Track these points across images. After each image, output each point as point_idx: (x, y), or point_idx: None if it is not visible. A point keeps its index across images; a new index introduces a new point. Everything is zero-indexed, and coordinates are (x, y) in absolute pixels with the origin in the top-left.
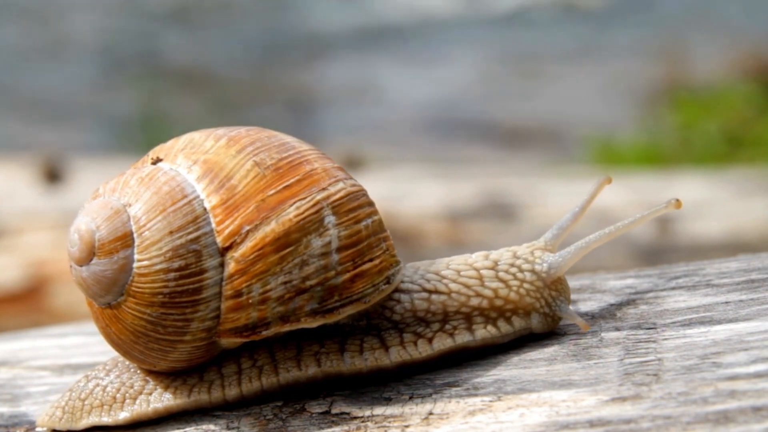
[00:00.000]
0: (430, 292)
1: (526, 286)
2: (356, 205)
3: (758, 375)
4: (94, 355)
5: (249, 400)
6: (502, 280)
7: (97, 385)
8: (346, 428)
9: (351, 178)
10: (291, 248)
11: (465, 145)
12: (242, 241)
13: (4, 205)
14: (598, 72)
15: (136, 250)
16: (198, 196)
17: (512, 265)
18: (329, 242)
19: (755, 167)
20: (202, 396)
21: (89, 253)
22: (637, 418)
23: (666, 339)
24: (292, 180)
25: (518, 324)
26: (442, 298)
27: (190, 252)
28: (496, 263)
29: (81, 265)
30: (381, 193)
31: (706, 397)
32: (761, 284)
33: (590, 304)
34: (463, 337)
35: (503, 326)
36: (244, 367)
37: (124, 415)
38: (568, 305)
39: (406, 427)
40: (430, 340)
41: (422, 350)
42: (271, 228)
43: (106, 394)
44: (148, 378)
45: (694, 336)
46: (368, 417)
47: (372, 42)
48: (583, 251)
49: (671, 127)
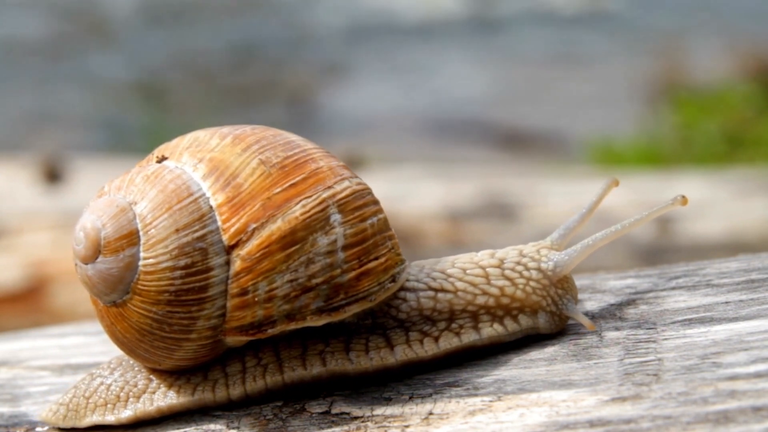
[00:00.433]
0: (436, 290)
1: (532, 284)
2: (362, 203)
3: (758, 375)
4: (94, 355)
5: (253, 399)
6: (508, 278)
7: (102, 384)
8: (346, 428)
9: (356, 177)
10: (297, 246)
11: (465, 146)
12: (248, 239)
13: (4, 205)
14: (599, 72)
15: (142, 248)
16: (204, 194)
17: (518, 263)
18: (335, 240)
19: (755, 167)
20: (206, 395)
21: (95, 251)
22: (637, 418)
23: (666, 339)
24: (297, 178)
25: (525, 323)
26: (449, 296)
27: (196, 250)
28: (502, 261)
29: (86, 263)
30: (381, 193)
31: (706, 397)
32: (761, 284)
33: (590, 304)
34: (469, 336)
35: (510, 324)
36: (248, 366)
37: (127, 414)
38: (575, 304)
39: (406, 427)
40: (437, 339)
41: (428, 349)
42: (278, 226)
43: (110, 392)
44: (152, 376)
45: (694, 336)
46: (368, 417)
47: (372, 42)
48: (589, 249)
49: (671, 127)
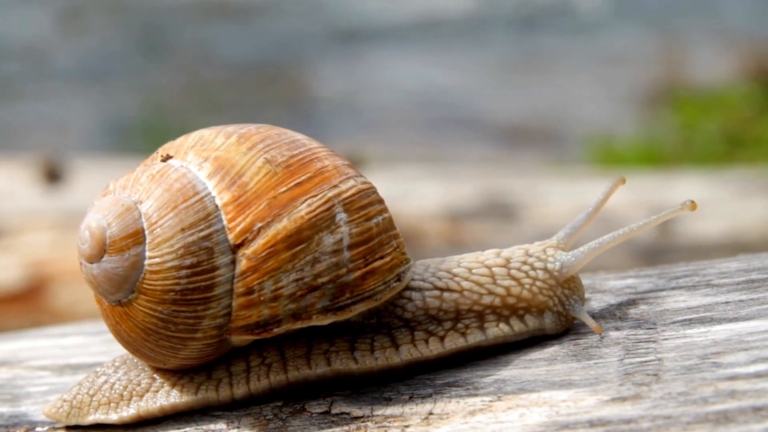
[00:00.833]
0: (441, 290)
1: (538, 284)
2: (367, 202)
3: (758, 375)
4: (94, 355)
5: (256, 398)
6: (514, 278)
7: (106, 382)
8: (346, 428)
9: (361, 176)
10: (303, 245)
11: (465, 145)
12: (254, 238)
13: (4, 205)
14: (599, 72)
15: (147, 247)
16: (209, 193)
17: (524, 263)
18: (341, 239)
19: (755, 167)
20: (210, 394)
21: (100, 251)
22: (637, 418)
23: (666, 339)
24: (303, 177)
25: (532, 323)
26: (454, 296)
27: (202, 249)
28: (508, 261)
29: (91, 263)
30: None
31: (706, 397)
32: (761, 284)
33: (590, 304)
34: (475, 337)
35: (516, 324)
36: (252, 365)
37: (130, 413)
38: (582, 305)
39: (406, 427)
40: (442, 339)
41: (433, 348)
42: (283, 225)
43: (113, 391)
44: (155, 375)
45: (694, 336)
46: (368, 417)
47: (372, 41)
48: (595, 252)
49: (671, 128)
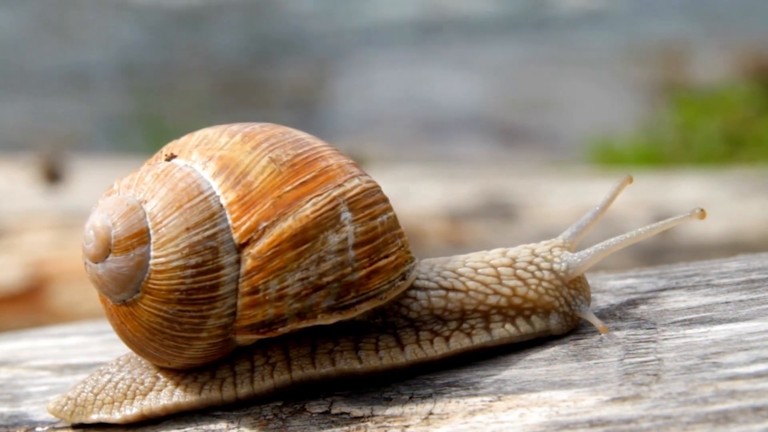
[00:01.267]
0: (447, 289)
1: (544, 284)
2: (372, 201)
3: (758, 375)
4: (94, 355)
5: (261, 398)
6: (520, 278)
7: (110, 381)
8: (346, 428)
9: (366, 175)
10: (308, 245)
11: (465, 145)
12: (259, 237)
13: (4, 205)
14: (599, 72)
15: (152, 247)
16: (214, 193)
17: (531, 263)
18: (346, 238)
19: (755, 167)
20: (214, 394)
21: (105, 250)
22: (637, 418)
23: (666, 339)
24: (308, 176)
25: (538, 324)
26: (460, 296)
27: (207, 248)
28: (514, 261)
29: (96, 262)
30: None
31: (706, 397)
32: (761, 284)
33: (593, 304)
34: (480, 338)
35: (522, 325)
36: (257, 365)
37: (133, 412)
38: (588, 305)
39: (406, 427)
40: (447, 339)
41: (438, 349)
42: (288, 224)
43: (117, 390)
44: (159, 374)
45: (694, 336)
46: (368, 417)
47: (372, 41)
48: (602, 254)
49: (671, 127)
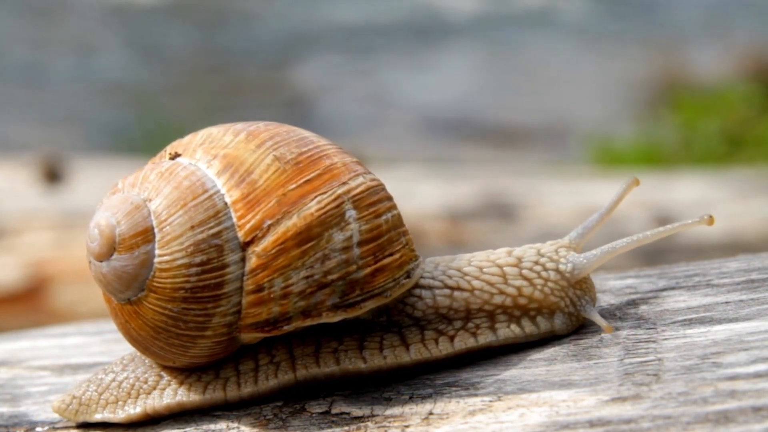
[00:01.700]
0: (452, 288)
1: (550, 285)
2: (376, 199)
3: (758, 375)
4: (94, 355)
5: (265, 397)
6: (526, 278)
7: (114, 380)
8: (346, 428)
9: (370, 173)
10: (313, 242)
11: (465, 145)
12: (264, 235)
13: (4, 205)
14: (599, 72)
15: (157, 245)
16: (218, 191)
17: (536, 263)
18: (350, 236)
19: (755, 167)
20: (217, 393)
21: (110, 249)
22: (637, 418)
23: (666, 339)
24: (312, 174)
25: (543, 325)
26: (465, 295)
27: (212, 247)
28: (520, 260)
29: (101, 261)
30: None
31: (706, 397)
32: (761, 284)
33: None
34: (486, 337)
35: (527, 326)
36: (261, 364)
37: (137, 411)
38: (593, 305)
39: (406, 427)
40: (452, 339)
41: (443, 348)
42: (293, 222)
43: (121, 389)
44: (162, 373)
45: (694, 336)
46: (368, 417)
47: (372, 41)
48: (608, 255)
49: (671, 127)
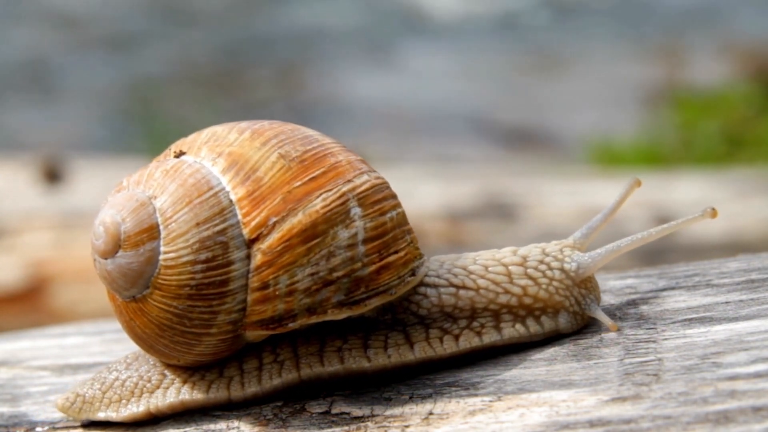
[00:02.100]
0: (457, 287)
1: (555, 284)
2: (381, 197)
3: (758, 375)
4: (94, 355)
5: (268, 396)
6: (531, 277)
7: (117, 378)
8: (346, 428)
9: (374, 171)
10: (318, 240)
11: (465, 145)
12: (269, 232)
13: (4, 205)
14: (598, 72)
15: (162, 242)
16: (224, 188)
17: (541, 262)
18: (356, 234)
19: (755, 167)
20: (221, 392)
21: (115, 246)
22: (637, 418)
23: (666, 339)
24: (317, 172)
25: (547, 325)
26: (470, 293)
27: (217, 244)
28: (525, 259)
29: (106, 258)
30: None
31: (706, 397)
32: (761, 284)
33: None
34: (490, 337)
35: (532, 325)
36: (265, 363)
37: (140, 409)
38: (598, 304)
39: (406, 427)
40: (457, 338)
41: (447, 347)
42: (298, 219)
43: (124, 388)
44: (166, 372)
45: (694, 336)
46: (368, 417)
47: (372, 41)
48: (613, 254)
49: (671, 128)
